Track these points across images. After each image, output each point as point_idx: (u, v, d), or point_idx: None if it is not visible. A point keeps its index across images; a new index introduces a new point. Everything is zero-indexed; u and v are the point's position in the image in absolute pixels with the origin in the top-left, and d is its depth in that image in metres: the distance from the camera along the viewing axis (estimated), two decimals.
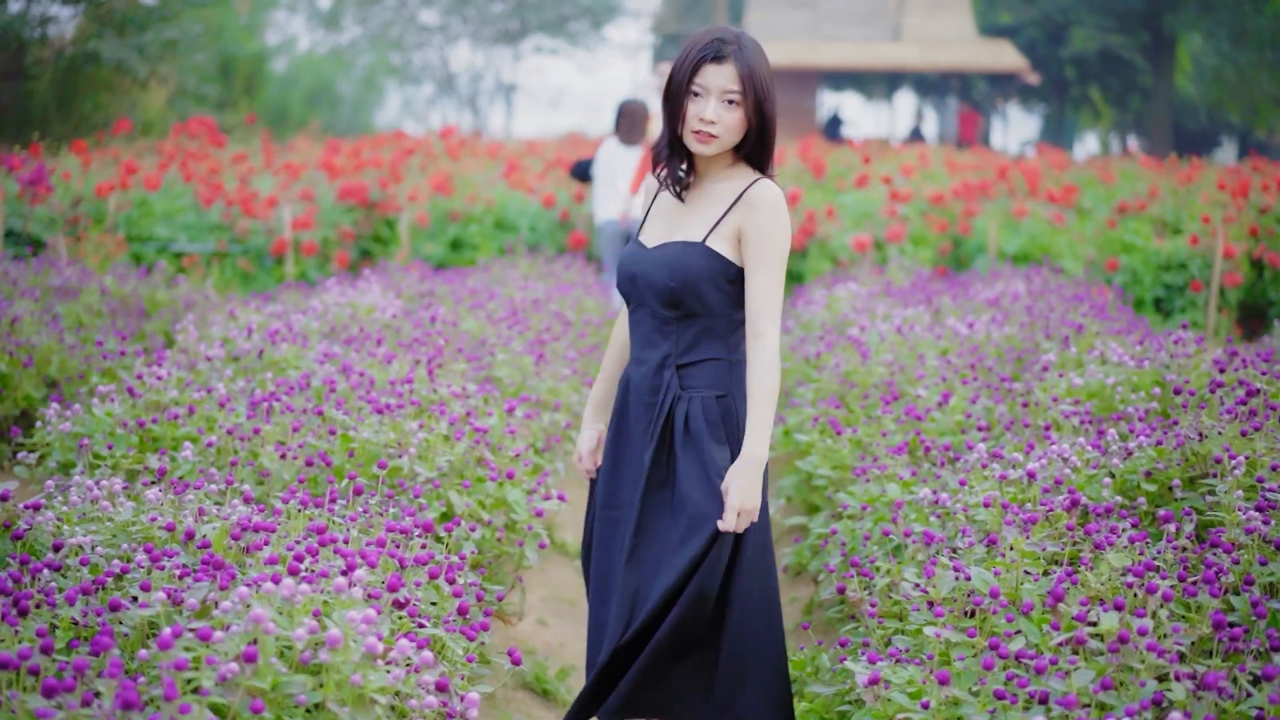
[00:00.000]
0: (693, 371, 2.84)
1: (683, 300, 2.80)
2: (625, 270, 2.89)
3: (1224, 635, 2.49)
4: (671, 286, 2.79)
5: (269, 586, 2.33)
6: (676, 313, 2.82)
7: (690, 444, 2.80)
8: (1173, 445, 3.57)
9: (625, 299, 2.95)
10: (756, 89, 2.78)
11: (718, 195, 2.85)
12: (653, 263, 2.83)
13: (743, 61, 2.78)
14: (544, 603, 4.61)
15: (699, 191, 2.88)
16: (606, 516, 2.91)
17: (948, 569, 2.89)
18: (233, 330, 5.24)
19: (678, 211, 2.88)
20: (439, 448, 3.79)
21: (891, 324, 5.52)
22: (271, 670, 2.23)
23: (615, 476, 2.91)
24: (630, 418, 2.89)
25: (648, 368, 2.86)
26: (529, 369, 5.12)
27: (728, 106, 2.77)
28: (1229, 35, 23.14)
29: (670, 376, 2.83)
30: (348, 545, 2.85)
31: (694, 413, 2.81)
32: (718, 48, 2.79)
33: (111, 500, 3.20)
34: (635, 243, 2.92)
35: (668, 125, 2.85)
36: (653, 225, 2.91)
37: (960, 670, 2.60)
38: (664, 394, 2.83)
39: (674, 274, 2.80)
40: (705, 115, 2.77)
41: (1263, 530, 2.92)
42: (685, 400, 2.82)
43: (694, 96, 2.79)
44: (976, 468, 3.64)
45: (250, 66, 23.22)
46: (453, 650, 2.71)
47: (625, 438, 2.90)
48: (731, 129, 2.78)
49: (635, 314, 2.90)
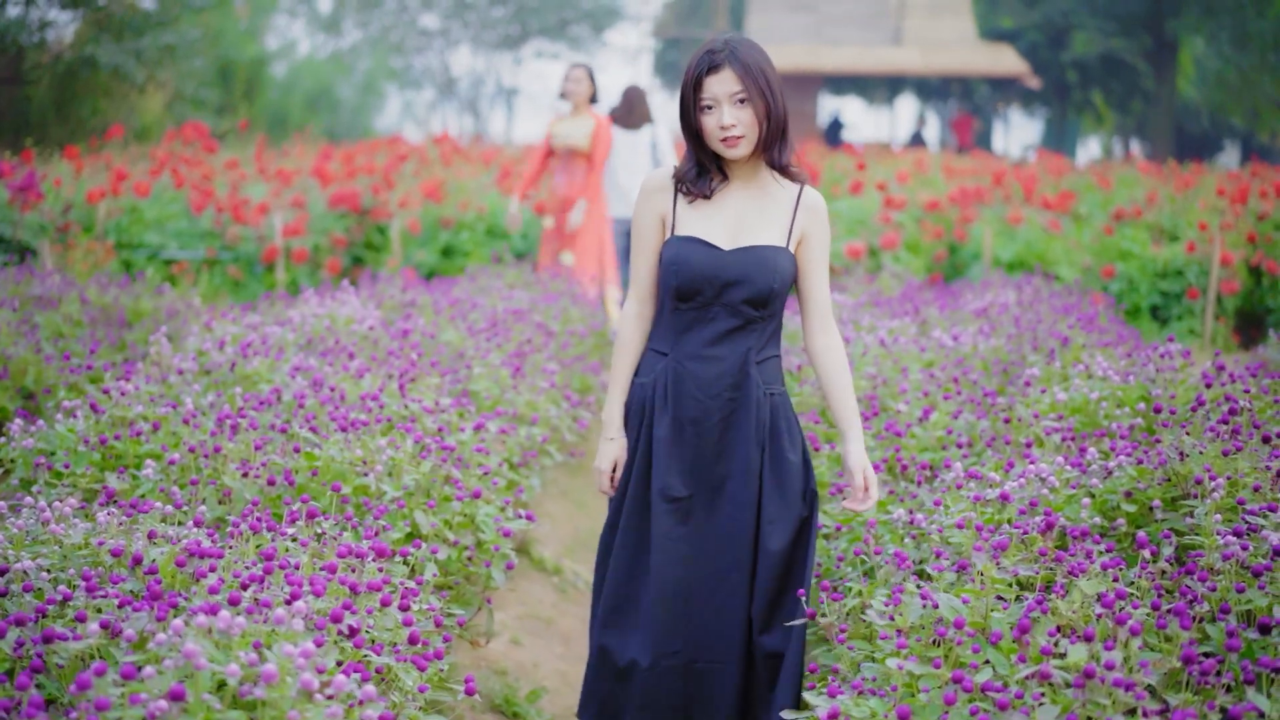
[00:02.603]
0: (766, 366, 3.05)
1: (773, 300, 3.00)
2: (701, 271, 2.98)
3: (1194, 669, 2.40)
4: (773, 287, 2.98)
5: (201, 619, 2.25)
6: (764, 311, 3.00)
7: (773, 444, 3.03)
8: (1154, 464, 3.48)
9: (686, 298, 3.01)
10: (759, 82, 2.93)
11: (773, 199, 3.03)
12: (743, 264, 2.98)
13: (738, 62, 2.93)
14: (519, 621, 4.52)
15: (741, 193, 3.04)
16: (666, 509, 3.01)
17: (914, 596, 2.80)
18: (207, 342, 5.17)
19: (733, 213, 3.02)
20: (405, 466, 3.72)
21: (876, 335, 5.43)
22: (204, 707, 2.15)
23: (671, 468, 3.01)
24: (692, 412, 3.01)
25: (726, 365, 3.00)
26: (507, 382, 5.04)
27: (740, 106, 2.93)
28: (1231, 39, 23.01)
29: (756, 374, 3.02)
30: (298, 571, 2.78)
31: (775, 412, 3.04)
32: (711, 59, 2.95)
33: (62, 522, 3.12)
34: (696, 242, 3.00)
35: (692, 146, 3.01)
36: (705, 226, 3.02)
37: (924, 704, 2.52)
38: (751, 390, 3.01)
39: (774, 275, 2.98)
40: (724, 122, 2.92)
41: (1240, 555, 2.83)
42: (769, 399, 3.03)
43: (707, 111, 2.95)
44: (952, 487, 3.56)
45: (250, 71, 23.18)
46: (403, 681, 2.63)
47: (681, 431, 3.01)
48: (752, 126, 2.94)
49: (697, 313, 3.01)
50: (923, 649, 2.76)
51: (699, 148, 2.99)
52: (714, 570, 3.04)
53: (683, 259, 2.99)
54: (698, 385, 3.02)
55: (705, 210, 3.03)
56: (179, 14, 16.54)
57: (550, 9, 32.71)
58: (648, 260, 3.09)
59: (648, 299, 3.11)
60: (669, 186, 3.05)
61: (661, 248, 3.06)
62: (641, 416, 3.07)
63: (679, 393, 3.02)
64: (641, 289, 3.11)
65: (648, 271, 3.09)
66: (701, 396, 3.01)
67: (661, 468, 3.02)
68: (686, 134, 2.99)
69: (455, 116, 35.71)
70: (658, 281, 3.08)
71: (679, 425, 3.02)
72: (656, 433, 3.03)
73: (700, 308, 3.01)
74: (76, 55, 15.93)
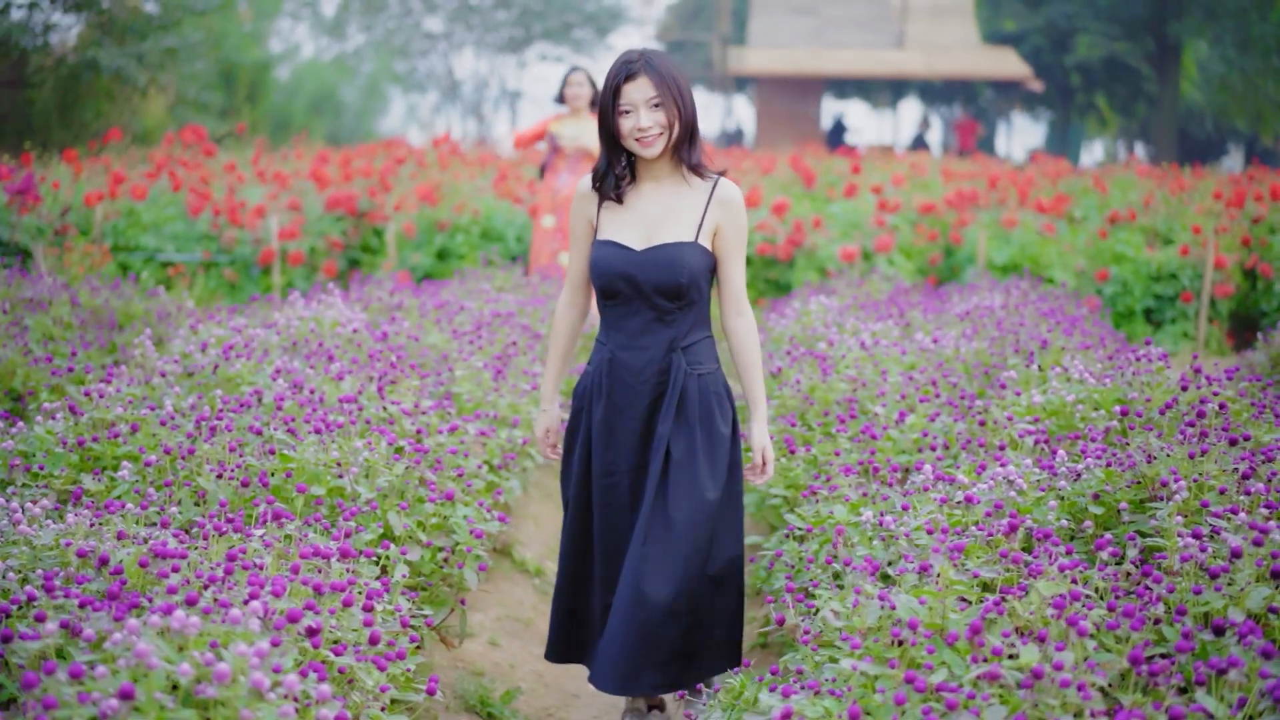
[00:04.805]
0: (693, 350, 3.34)
1: (686, 292, 3.28)
2: (617, 270, 3.28)
3: (1142, 670, 2.41)
4: (681, 282, 3.26)
5: (154, 619, 2.27)
6: (679, 303, 3.30)
7: (701, 420, 3.33)
8: (1124, 467, 3.49)
9: (609, 295, 3.33)
10: (671, 88, 3.22)
11: (684, 197, 3.31)
12: (653, 262, 3.26)
13: (653, 70, 3.22)
14: (498, 623, 4.54)
15: (654, 195, 3.32)
16: (607, 484, 3.40)
17: (871, 598, 2.82)
18: (191, 344, 5.19)
19: (645, 214, 3.31)
20: (380, 468, 3.74)
21: (859, 339, 5.44)
22: (156, 706, 2.17)
23: (612, 447, 3.38)
24: (623, 396, 3.35)
25: (652, 353, 3.32)
26: (489, 384, 5.06)
27: (654, 110, 3.22)
28: (1234, 42, 22.98)
29: (679, 358, 3.32)
30: (262, 572, 2.80)
31: (703, 389, 3.35)
32: (628, 68, 3.23)
33: (34, 523, 3.14)
34: (612, 245, 3.30)
35: (607, 147, 3.31)
36: (620, 229, 3.31)
37: (879, 704, 2.53)
38: (676, 374, 3.32)
39: (682, 270, 3.26)
40: (640, 124, 3.22)
41: (1199, 557, 2.85)
42: (695, 379, 3.33)
43: (625, 115, 3.24)
44: (919, 489, 3.57)
45: (253, 74, 23.23)
46: (363, 681, 2.65)
47: (619, 414, 3.36)
48: (666, 127, 3.23)
49: (622, 308, 3.33)
50: (881, 650, 2.78)
51: (611, 149, 3.29)
52: (654, 525, 3.35)
53: (602, 262, 3.32)
54: (629, 372, 3.35)
55: (621, 214, 3.34)
56: (182, 17, 16.58)
57: (554, 12, 32.73)
58: (580, 255, 3.47)
59: (578, 288, 3.51)
60: (587, 194, 3.38)
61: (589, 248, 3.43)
62: (585, 400, 3.45)
63: (613, 379, 3.37)
64: (573, 279, 3.50)
65: (580, 265, 3.48)
66: (633, 382, 3.35)
67: (599, 447, 3.39)
68: (603, 137, 3.28)
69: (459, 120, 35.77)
70: (588, 275, 3.45)
71: (615, 409, 3.37)
72: (594, 415, 3.40)
73: (623, 303, 3.33)
74: (79, 59, 15.99)
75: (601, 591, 3.50)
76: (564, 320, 3.53)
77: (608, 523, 3.43)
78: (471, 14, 33.06)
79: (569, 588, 3.55)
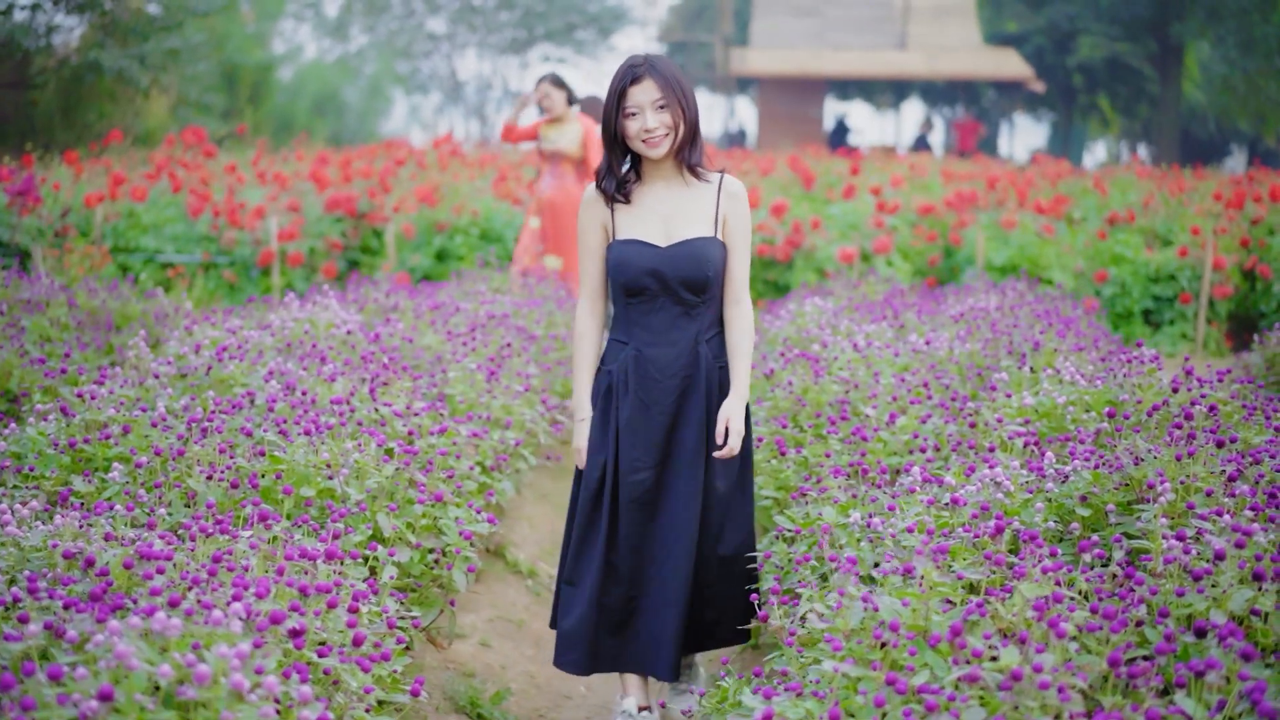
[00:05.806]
0: (714, 342, 3.46)
1: (711, 286, 3.39)
2: (645, 267, 3.36)
3: (1121, 672, 2.42)
4: (708, 275, 3.36)
5: (136, 621, 2.28)
6: (704, 296, 3.40)
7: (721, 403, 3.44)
8: (1111, 469, 3.49)
9: (635, 293, 3.40)
10: (676, 90, 3.32)
11: (693, 194, 3.41)
12: (680, 258, 3.36)
13: (658, 73, 3.33)
14: (490, 624, 4.55)
15: (664, 194, 3.42)
16: (634, 481, 3.43)
17: (854, 599, 2.82)
18: (186, 346, 5.21)
19: (659, 212, 3.40)
20: (370, 469, 3.74)
21: (852, 340, 5.45)
22: (136, 707, 2.18)
23: (637, 444, 3.42)
24: (650, 392, 3.42)
25: (679, 348, 3.41)
26: (482, 386, 5.07)
27: (660, 112, 3.32)
28: (1236, 43, 22.96)
29: (705, 351, 3.43)
30: (247, 574, 2.81)
31: (723, 381, 3.45)
32: (634, 72, 3.33)
33: (22, 524, 3.16)
34: (636, 243, 3.38)
35: (609, 149, 3.40)
36: (640, 227, 3.40)
37: (860, 705, 2.54)
38: (704, 367, 3.42)
39: (709, 264, 3.37)
40: (647, 125, 3.32)
41: (1183, 559, 2.85)
42: (717, 370, 3.45)
43: (631, 117, 3.34)
44: (906, 491, 3.58)
45: (255, 76, 23.27)
46: (347, 683, 2.66)
47: (645, 411, 3.42)
48: (671, 128, 3.33)
49: (646, 304, 3.40)
50: (864, 652, 2.78)
51: (614, 151, 3.39)
52: (670, 524, 3.45)
53: (626, 259, 3.40)
54: (657, 368, 3.42)
55: (637, 213, 3.42)
56: (184, 19, 16.60)
57: (556, 13, 32.76)
58: (595, 262, 3.51)
59: (597, 296, 3.54)
60: (602, 197, 3.45)
61: (606, 251, 3.47)
62: (609, 399, 3.47)
63: (641, 376, 3.42)
64: (591, 287, 3.53)
65: (596, 272, 3.52)
66: (660, 378, 3.42)
67: (626, 444, 3.43)
68: (607, 139, 3.38)
69: (462, 121, 35.79)
70: (606, 280, 3.51)
71: (642, 405, 3.42)
72: (621, 414, 3.43)
73: (648, 300, 3.41)
74: (82, 60, 16.01)
75: (626, 586, 3.51)
76: (587, 329, 3.55)
77: (632, 520, 3.46)
78: (474, 15, 33.10)
79: (600, 588, 3.51)
